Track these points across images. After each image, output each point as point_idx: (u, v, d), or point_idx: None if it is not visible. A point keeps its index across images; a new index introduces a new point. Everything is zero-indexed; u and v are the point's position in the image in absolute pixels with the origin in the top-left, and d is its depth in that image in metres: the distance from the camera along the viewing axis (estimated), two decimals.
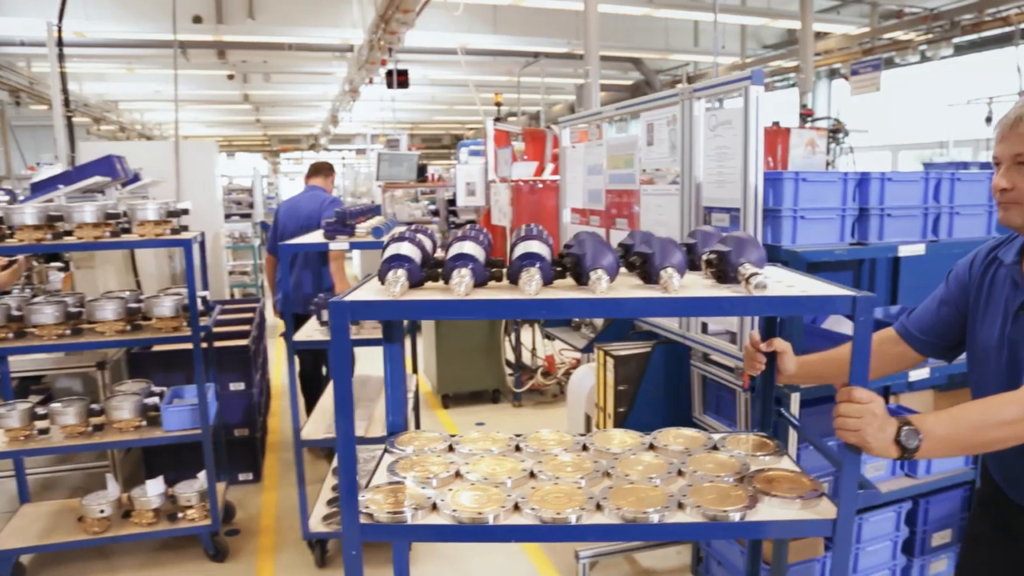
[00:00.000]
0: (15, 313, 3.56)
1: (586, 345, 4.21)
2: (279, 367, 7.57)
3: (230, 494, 4.36)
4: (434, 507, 1.62)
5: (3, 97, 10.22)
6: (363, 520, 1.56)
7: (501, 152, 5.79)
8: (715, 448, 1.88)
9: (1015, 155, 1.63)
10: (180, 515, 3.76)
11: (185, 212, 3.75)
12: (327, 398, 4.25)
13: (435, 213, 8.88)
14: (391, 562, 2.10)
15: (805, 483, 1.64)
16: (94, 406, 3.78)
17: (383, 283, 1.56)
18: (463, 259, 1.57)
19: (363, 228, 3.97)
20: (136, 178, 5.47)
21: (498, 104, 11.40)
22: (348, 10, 9.60)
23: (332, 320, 1.48)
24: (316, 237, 4.02)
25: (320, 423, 3.91)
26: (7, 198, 7.56)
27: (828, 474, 2.52)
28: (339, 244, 3.84)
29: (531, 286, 1.49)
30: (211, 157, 6.79)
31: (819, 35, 10.26)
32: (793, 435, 2.26)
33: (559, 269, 1.66)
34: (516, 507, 1.61)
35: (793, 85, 12.07)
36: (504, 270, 1.66)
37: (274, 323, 7.54)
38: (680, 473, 1.75)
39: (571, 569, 3.53)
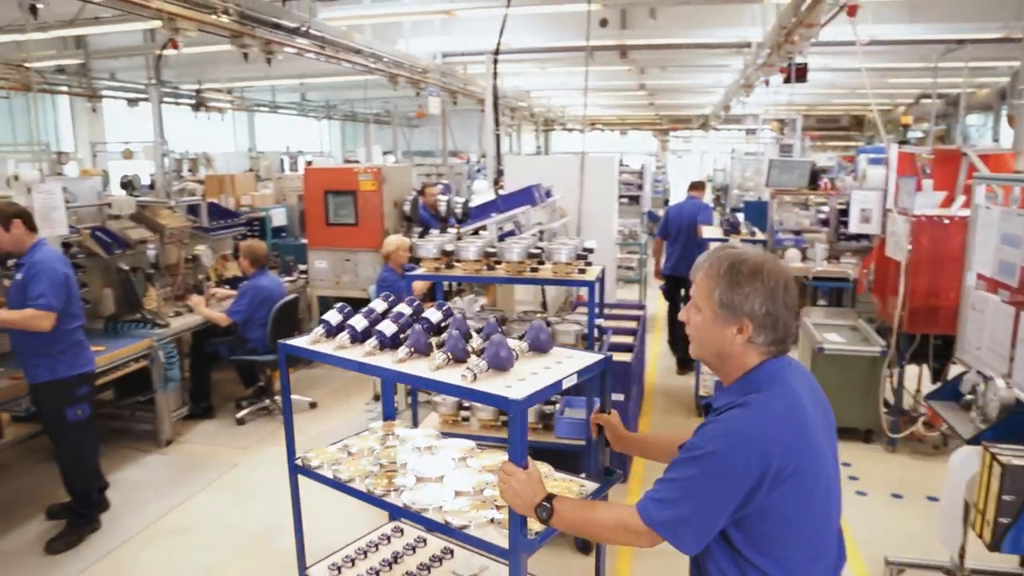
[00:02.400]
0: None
1: (972, 437, 3.62)
2: (653, 364, 8.09)
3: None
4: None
5: (445, 97, 12.20)
6: (297, 461, 2.79)
7: (903, 181, 5.41)
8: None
9: (693, 301, 1.82)
10: None
11: (590, 251, 4.29)
12: None
13: (824, 223, 8.57)
14: None
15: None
16: None
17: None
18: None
19: (744, 229, 7.56)
20: (548, 194, 6.26)
21: (904, 126, 10.34)
22: (748, 8, 9.53)
23: (279, 356, 2.67)
24: (717, 232, 7.49)
25: None
26: (445, 197, 9.10)
27: None
28: (734, 239, 6.77)
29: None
30: (611, 168, 7.46)
31: None
32: None
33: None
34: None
35: None
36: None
37: (652, 314, 8.62)
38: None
39: None
